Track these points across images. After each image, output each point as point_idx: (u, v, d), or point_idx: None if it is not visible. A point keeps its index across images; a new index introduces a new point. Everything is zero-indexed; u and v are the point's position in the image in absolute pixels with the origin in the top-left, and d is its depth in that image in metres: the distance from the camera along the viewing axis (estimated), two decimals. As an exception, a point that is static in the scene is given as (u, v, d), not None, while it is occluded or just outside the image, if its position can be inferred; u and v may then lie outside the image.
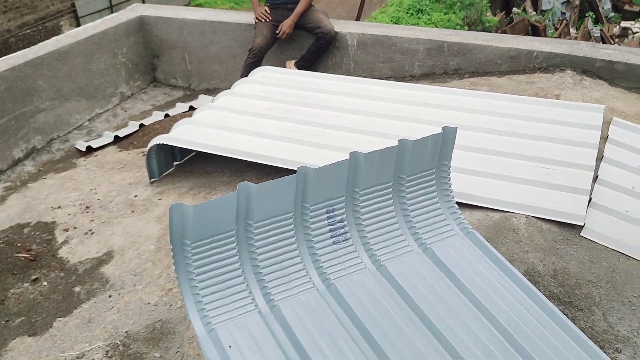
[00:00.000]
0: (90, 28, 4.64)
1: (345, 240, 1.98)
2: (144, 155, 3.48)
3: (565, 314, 1.95)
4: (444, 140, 2.11)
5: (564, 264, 2.29)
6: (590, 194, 2.63)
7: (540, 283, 2.19)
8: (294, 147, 3.03)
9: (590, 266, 2.31)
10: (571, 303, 2.15)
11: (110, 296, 2.47)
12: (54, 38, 4.44)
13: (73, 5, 11.85)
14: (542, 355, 1.74)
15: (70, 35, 4.47)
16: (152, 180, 3.30)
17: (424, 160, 2.10)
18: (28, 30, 10.64)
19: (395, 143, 2.02)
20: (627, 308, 2.15)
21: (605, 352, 1.89)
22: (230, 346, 1.66)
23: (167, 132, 3.37)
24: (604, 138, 3.11)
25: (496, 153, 2.88)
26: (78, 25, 11.19)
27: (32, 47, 4.24)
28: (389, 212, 2.07)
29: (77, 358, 2.18)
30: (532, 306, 1.90)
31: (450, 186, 2.19)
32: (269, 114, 3.41)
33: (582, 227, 2.47)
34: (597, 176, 2.79)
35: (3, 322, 2.44)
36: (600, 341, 2.02)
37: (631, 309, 2.15)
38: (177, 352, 2.13)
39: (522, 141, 2.97)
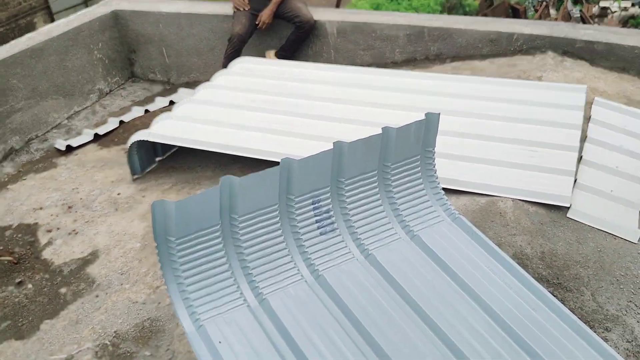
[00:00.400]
0: (63, 24, 4.54)
1: (333, 230, 1.96)
2: (125, 152, 3.42)
3: (554, 296, 1.95)
4: (428, 126, 2.10)
5: (552, 246, 2.30)
6: (575, 175, 2.64)
7: (528, 266, 2.20)
8: (276, 138, 2.99)
9: (578, 247, 2.32)
10: (560, 284, 2.16)
11: (97, 296, 2.43)
12: (27, 35, 4.34)
13: (46, 1, 11.61)
14: (532, 338, 1.75)
15: (43, 32, 4.38)
16: (135, 177, 3.26)
17: (408, 148, 2.09)
18: (1, 29, 10.42)
19: (379, 131, 2.01)
20: (615, 287, 2.16)
21: (595, 332, 1.90)
22: (220, 342, 1.65)
23: (148, 127, 3.32)
24: (587, 118, 3.12)
25: (480, 137, 2.88)
26: (52, 21, 10.98)
27: (3, 45, 4.15)
28: (375, 200, 2.06)
29: (65, 361, 2.15)
30: (521, 289, 1.90)
31: (435, 172, 2.18)
32: (250, 106, 3.37)
33: (568, 208, 2.48)
34: (581, 157, 2.80)
35: (-12, 327, 2.40)
36: (590, 321, 2.03)
37: (619, 288, 2.16)
38: (168, 349, 2.11)
39: (506, 124, 2.97)
